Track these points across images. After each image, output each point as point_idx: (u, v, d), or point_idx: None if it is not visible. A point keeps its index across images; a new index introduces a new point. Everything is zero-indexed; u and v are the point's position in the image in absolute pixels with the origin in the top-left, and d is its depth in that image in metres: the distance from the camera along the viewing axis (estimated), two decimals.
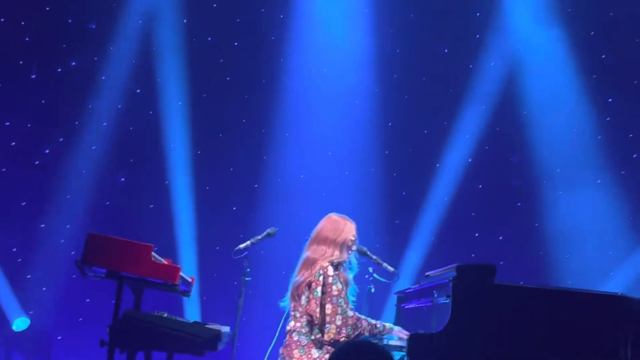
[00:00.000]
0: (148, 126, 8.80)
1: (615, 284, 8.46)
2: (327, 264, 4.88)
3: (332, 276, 4.83)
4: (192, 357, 4.74)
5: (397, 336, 4.80)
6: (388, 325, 4.85)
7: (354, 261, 5.10)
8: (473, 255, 8.82)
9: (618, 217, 8.84)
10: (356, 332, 4.77)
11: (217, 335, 4.19)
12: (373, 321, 4.88)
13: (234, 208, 8.85)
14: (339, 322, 4.72)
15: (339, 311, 4.76)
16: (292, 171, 8.96)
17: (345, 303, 4.80)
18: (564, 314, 4.05)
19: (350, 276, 5.05)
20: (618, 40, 9.07)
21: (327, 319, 4.76)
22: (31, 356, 7.67)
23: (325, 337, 4.75)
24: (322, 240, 5.01)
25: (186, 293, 4.99)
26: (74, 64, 8.84)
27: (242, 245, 5.26)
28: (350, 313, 4.79)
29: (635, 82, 9.04)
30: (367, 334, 4.77)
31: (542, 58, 9.14)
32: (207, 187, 8.83)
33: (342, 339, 4.74)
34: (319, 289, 4.82)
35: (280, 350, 4.97)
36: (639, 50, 9.03)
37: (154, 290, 5.31)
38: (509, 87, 9.08)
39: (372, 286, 5.53)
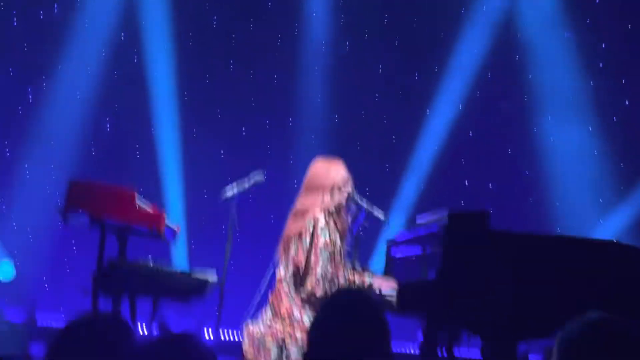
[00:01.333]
0: (133, 72, 8.62)
1: (604, 232, 8.44)
2: (319, 214, 4.76)
3: (322, 227, 4.71)
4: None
5: (387, 290, 4.71)
6: (367, 280, 4.73)
7: (352, 204, 5.00)
8: (462, 202, 8.76)
9: (608, 164, 8.79)
10: (333, 288, 4.67)
11: (204, 284, 4.11)
12: (351, 278, 4.78)
13: (222, 153, 8.72)
14: (318, 275, 4.63)
15: (320, 263, 4.66)
16: (280, 116, 8.83)
17: (329, 257, 4.68)
18: (559, 261, 3.98)
19: (349, 220, 4.95)
20: None
21: (309, 270, 4.67)
22: (18, 305, 7.60)
23: (305, 289, 4.67)
24: (310, 190, 4.87)
25: (172, 241, 4.90)
26: (56, 9, 8.62)
27: (229, 193, 5.14)
28: (330, 269, 4.67)
29: (629, 26, 8.90)
30: None
31: (536, 3, 8.97)
32: (194, 133, 8.69)
33: (319, 293, 4.63)
34: (308, 239, 4.72)
35: (270, 298, 4.90)
36: None
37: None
38: (501, 32, 8.91)
39: (361, 232, 5.44)
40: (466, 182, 8.99)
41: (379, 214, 5.18)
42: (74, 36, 8.54)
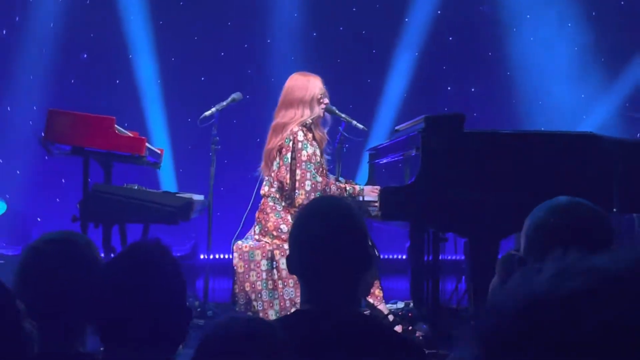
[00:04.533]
0: None
1: (587, 127, 8.49)
2: (297, 128, 4.81)
3: (302, 141, 4.77)
4: (169, 228, 4.75)
5: (370, 196, 4.79)
6: (358, 187, 4.82)
7: (328, 115, 5.05)
8: (446, 109, 8.78)
9: (590, 59, 8.79)
10: None
11: (189, 203, 4.17)
12: (342, 185, 4.86)
13: (202, 78, 8.69)
14: (307, 188, 4.70)
15: (308, 176, 4.73)
16: (258, 36, 8.75)
17: (315, 168, 4.76)
18: (535, 156, 4.05)
19: (325, 131, 5.01)
20: None
21: (297, 184, 4.74)
22: (11, 240, 7.70)
23: (295, 204, 4.74)
24: (289, 103, 4.91)
25: (156, 165, 4.95)
26: None
27: (207, 113, 5.17)
28: (319, 178, 4.74)
29: None
30: None
31: None
32: (173, 59, 8.64)
33: None
34: (289, 155, 4.78)
35: (256, 215, 4.98)
36: None
37: (126, 166, 5.28)
38: None
39: (344, 146, 5.49)
40: (449, 87, 9.00)
41: (358, 124, 5.23)
42: None
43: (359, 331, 1.97)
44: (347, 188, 4.80)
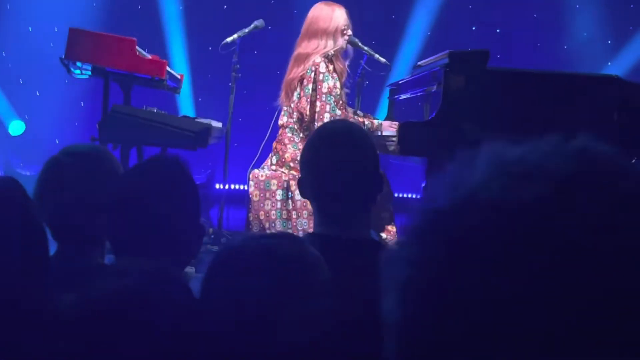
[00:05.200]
0: None
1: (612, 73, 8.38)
2: (319, 59, 4.77)
3: (324, 73, 4.74)
4: (187, 155, 4.76)
5: (388, 131, 4.77)
6: (376, 121, 4.79)
7: (350, 48, 5.00)
8: (469, 49, 8.66)
9: (617, 5, 8.62)
10: None
11: (207, 129, 4.17)
12: (361, 119, 4.83)
13: (224, 7, 8.60)
14: (326, 121, 4.68)
15: (328, 109, 4.71)
16: None
17: (335, 101, 4.73)
18: (558, 96, 4.00)
19: (346, 64, 4.97)
20: None
21: (316, 116, 4.72)
22: (30, 161, 7.75)
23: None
24: (313, 34, 4.87)
25: (176, 90, 4.94)
26: None
27: (229, 39, 5.13)
28: (339, 112, 4.71)
29: None
30: None
31: None
32: None
33: None
34: (310, 86, 4.75)
35: (274, 145, 4.98)
36: None
37: (146, 91, 5.27)
38: None
39: (364, 80, 5.45)
40: (473, 27, 8.87)
41: (380, 58, 5.17)
42: None
43: (370, 255, 1.97)
44: (366, 122, 4.77)
